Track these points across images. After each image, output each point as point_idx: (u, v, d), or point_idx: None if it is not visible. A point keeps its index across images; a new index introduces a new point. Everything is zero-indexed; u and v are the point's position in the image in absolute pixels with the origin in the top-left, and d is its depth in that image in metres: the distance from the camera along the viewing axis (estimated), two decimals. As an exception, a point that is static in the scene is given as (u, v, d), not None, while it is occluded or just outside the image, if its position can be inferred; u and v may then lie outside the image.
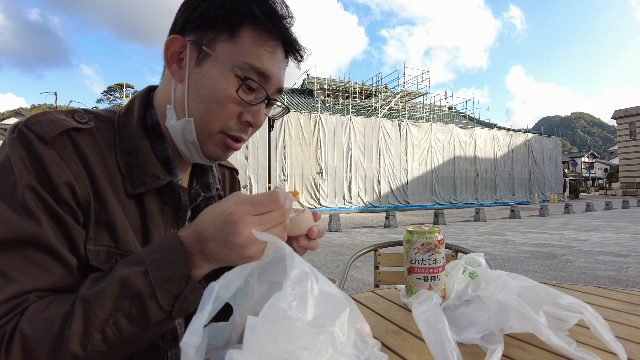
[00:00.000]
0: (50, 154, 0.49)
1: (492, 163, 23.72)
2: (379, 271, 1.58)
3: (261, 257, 0.47)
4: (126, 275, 0.44)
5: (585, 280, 4.11)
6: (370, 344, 0.50)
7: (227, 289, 0.46)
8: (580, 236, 7.83)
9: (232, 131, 0.58)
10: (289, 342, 0.39)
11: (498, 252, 6.03)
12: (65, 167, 0.49)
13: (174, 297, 0.44)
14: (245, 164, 16.32)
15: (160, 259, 0.45)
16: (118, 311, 0.43)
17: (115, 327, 0.42)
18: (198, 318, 0.41)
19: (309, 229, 0.57)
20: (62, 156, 0.50)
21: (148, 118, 0.61)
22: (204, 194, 0.68)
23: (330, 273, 4.64)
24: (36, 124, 0.50)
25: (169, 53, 0.58)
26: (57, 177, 0.48)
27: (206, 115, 0.56)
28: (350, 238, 8.24)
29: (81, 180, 0.50)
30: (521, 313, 0.58)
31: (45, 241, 0.45)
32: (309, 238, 0.57)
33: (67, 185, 0.49)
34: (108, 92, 59.68)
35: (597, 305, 0.78)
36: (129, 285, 0.43)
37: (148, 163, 0.57)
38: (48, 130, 0.49)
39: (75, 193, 0.49)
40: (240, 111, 0.58)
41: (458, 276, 0.77)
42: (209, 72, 0.55)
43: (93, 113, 0.58)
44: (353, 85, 24.34)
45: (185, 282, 0.45)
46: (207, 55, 0.55)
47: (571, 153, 66.22)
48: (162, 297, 0.44)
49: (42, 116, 0.52)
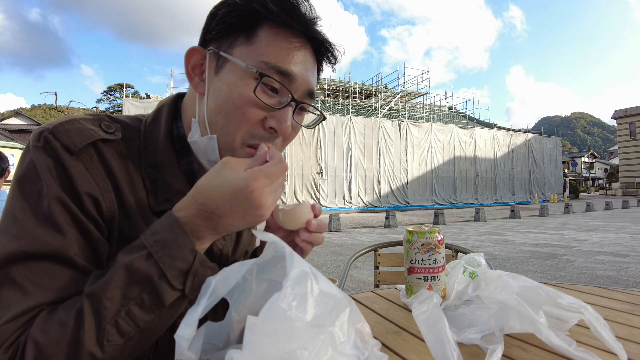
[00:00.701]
0: (76, 165, 0.47)
1: (492, 163, 23.73)
2: (379, 271, 1.58)
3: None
4: (129, 262, 0.42)
5: (585, 280, 4.11)
6: (370, 344, 0.50)
7: (225, 284, 0.46)
8: (580, 236, 7.83)
9: (255, 139, 0.53)
10: (289, 342, 0.39)
11: (498, 252, 6.03)
12: (92, 180, 0.48)
13: (184, 273, 0.43)
14: (245, 164, 16.31)
15: (162, 240, 0.43)
16: (129, 300, 0.41)
17: (129, 317, 0.41)
18: (193, 311, 0.41)
19: (307, 221, 0.56)
20: (88, 168, 0.48)
21: (175, 130, 0.58)
22: None
23: (330, 273, 4.64)
24: (63, 133, 0.48)
25: (189, 66, 0.55)
26: (83, 190, 0.47)
27: (226, 126, 0.53)
28: (350, 238, 8.24)
29: (107, 194, 0.49)
30: (521, 313, 0.57)
31: (68, 255, 0.44)
32: (309, 231, 0.56)
33: (92, 198, 0.48)
34: (108, 92, 59.70)
35: (597, 305, 0.78)
36: (134, 271, 0.42)
37: (173, 179, 0.55)
38: (75, 141, 0.48)
39: (100, 206, 0.48)
40: (262, 117, 0.53)
41: (458, 276, 0.77)
42: (227, 78, 0.52)
43: (120, 122, 0.56)
44: (353, 85, 24.35)
45: (193, 256, 0.44)
46: (225, 61, 0.53)
47: (571, 153, 66.23)
48: (172, 276, 0.43)
49: (70, 125, 0.50)
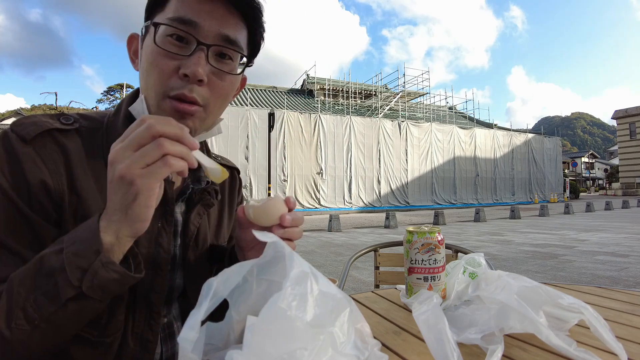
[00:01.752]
0: (27, 152, 0.51)
1: (492, 163, 23.71)
2: (379, 271, 1.58)
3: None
4: (45, 254, 0.45)
5: (585, 281, 4.11)
6: (371, 344, 0.50)
7: (226, 285, 0.46)
8: (581, 236, 7.83)
9: (174, 90, 0.55)
10: (289, 342, 0.39)
11: (498, 252, 6.03)
12: (41, 164, 0.52)
13: (82, 271, 0.43)
14: (245, 164, 16.31)
15: (75, 237, 0.45)
16: (37, 289, 0.44)
17: (35, 304, 0.43)
18: (196, 313, 0.41)
19: (281, 216, 0.54)
20: (39, 153, 0.52)
21: (135, 116, 0.62)
22: (192, 186, 0.67)
23: (330, 273, 4.64)
24: (19, 126, 0.53)
25: (131, 51, 0.62)
26: (32, 175, 0.50)
27: (147, 84, 0.56)
28: (350, 238, 8.24)
29: (56, 176, 0.52)
30: (521, 313, 0.58)
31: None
32: (283, 227, 0.55)
33: (40, 183, 0.51)
34: (108, 92, 59.68)
35: (597, 306, 0.78)
36: (45, 263, 0.44)
37: None
38: (29, 131, 0.52)
39: (49, 189, 0.51)
40: (176, 66, 0.55)
41: (458, 276, 0.77)
42: (145, 44, 0.57)
43: (81, 115, 0.60)
44: (353, 85, 24.35)
45: (95, 256, 0.44)
46: (146, 32, 0.58)
47: (571, 153, 66.22)
48: (71, 271, 0.43)
49: (26, 119, 0.54)
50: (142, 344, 0.57)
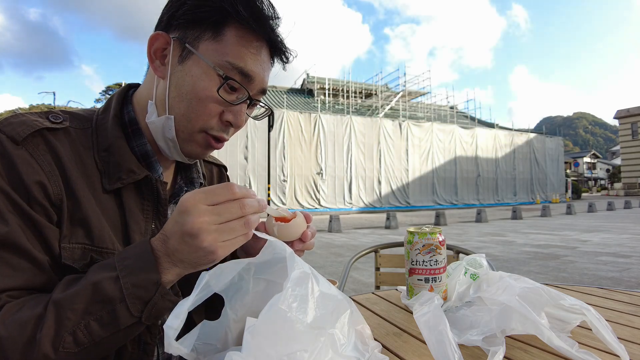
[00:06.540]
0: (21, 154, 0.50)
1: (493, 163, 23.68)
2: (379, 272, 1.58)
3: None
4: (99, 280, 0.45)
5: (587, 282, 4.10)
6: (371, 346, 0.50)
7: (218, 279, 0.47)
8: (583, 237, 7.81)
9: (213, 131, 0.59)
10: (289, 344, 0.39)
11: (500, 253, 6.02)
12: (37, 166, 0.50)
13: (144, 303, 0.45)
14: (244, 164, 16.33)
15: (131, 266, 0.46)
16: (89, 315, 0.44)
17: (87, 330, 0.44)
18: (183, 303, 0.42)
19: (303, 233, 0.58)
20: (33, 155, 0.50)
21: (125, 115, 0.62)
22: (187, 188, 0.68)
23: (330, 274, 4.64)
24: (8, 126, 0.51)
25: (152, 49, 0.58)
26: (29, 177, 0.49)
27: (187, 114, 0.57)
28: (350, 239, 8.23)
29: (53, 178, 0.51)
30: (523, 314, 0.57)
31: (14, 241, 0.46)
32: (303, 241, 0.58)
33: (38, 185, 0.49)
34: (106, 91, 59.82)
35: (599, 307, 0.78)
36: (100, 290, 0.44)
37: (124, 159, 0.58)
38: (19, 131, 0.51)
39: (48, 192, 0.50)
40: (221, 110, 0.58)
41: (459, 277, 0.77)
42: (191, 70, 0.56)
43: (70, 113, 0.59)
44: (353, 84, 24.35)
45: (155, 288, 0.46)
46: (190, 53, 0.56)
47: (573, 153, 66.10)
48: (132, 303, 0.45)
49: (14, 118, 0.53)
50: (141, 347, 0.57)
